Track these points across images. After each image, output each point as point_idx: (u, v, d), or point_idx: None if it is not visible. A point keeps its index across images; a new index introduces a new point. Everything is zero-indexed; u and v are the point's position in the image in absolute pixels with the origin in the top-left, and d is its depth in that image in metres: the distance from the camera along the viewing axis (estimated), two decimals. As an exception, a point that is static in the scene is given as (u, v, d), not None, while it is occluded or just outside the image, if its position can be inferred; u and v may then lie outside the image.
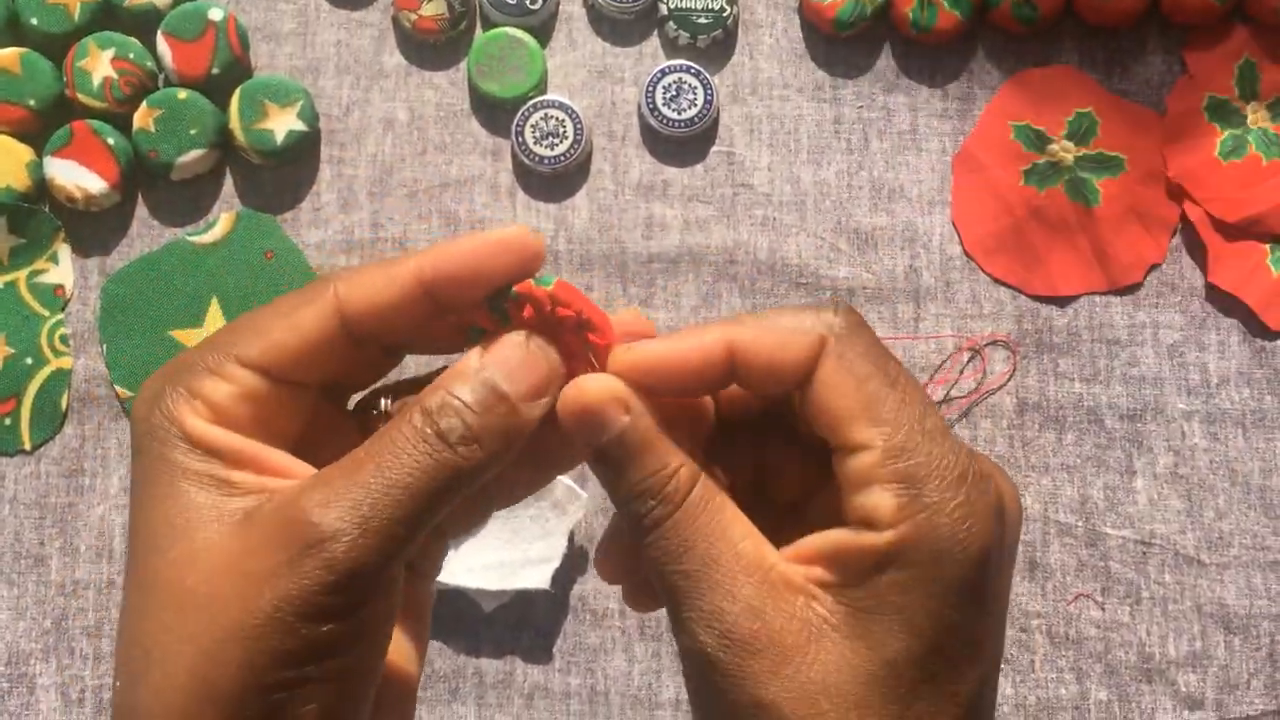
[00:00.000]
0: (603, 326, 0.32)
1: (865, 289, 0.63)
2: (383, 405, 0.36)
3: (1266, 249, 0.62)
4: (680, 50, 0.64)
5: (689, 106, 0.63)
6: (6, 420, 0.62)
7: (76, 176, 0.62)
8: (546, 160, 0.63)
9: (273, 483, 0.31)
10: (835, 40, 0.64)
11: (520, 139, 0.63)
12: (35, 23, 0.62)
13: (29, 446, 0.62)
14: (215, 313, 0.62)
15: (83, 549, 0.61)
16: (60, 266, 0.63)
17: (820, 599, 0.31)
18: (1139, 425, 0.62)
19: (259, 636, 0.29)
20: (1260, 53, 0.63)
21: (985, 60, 0.64)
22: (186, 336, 0.62)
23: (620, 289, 0.63)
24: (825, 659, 0.30)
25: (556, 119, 0.63)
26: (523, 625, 0.61)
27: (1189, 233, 0.63)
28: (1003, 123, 0.64)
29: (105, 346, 0.62)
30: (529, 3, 0.63)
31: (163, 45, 0.62)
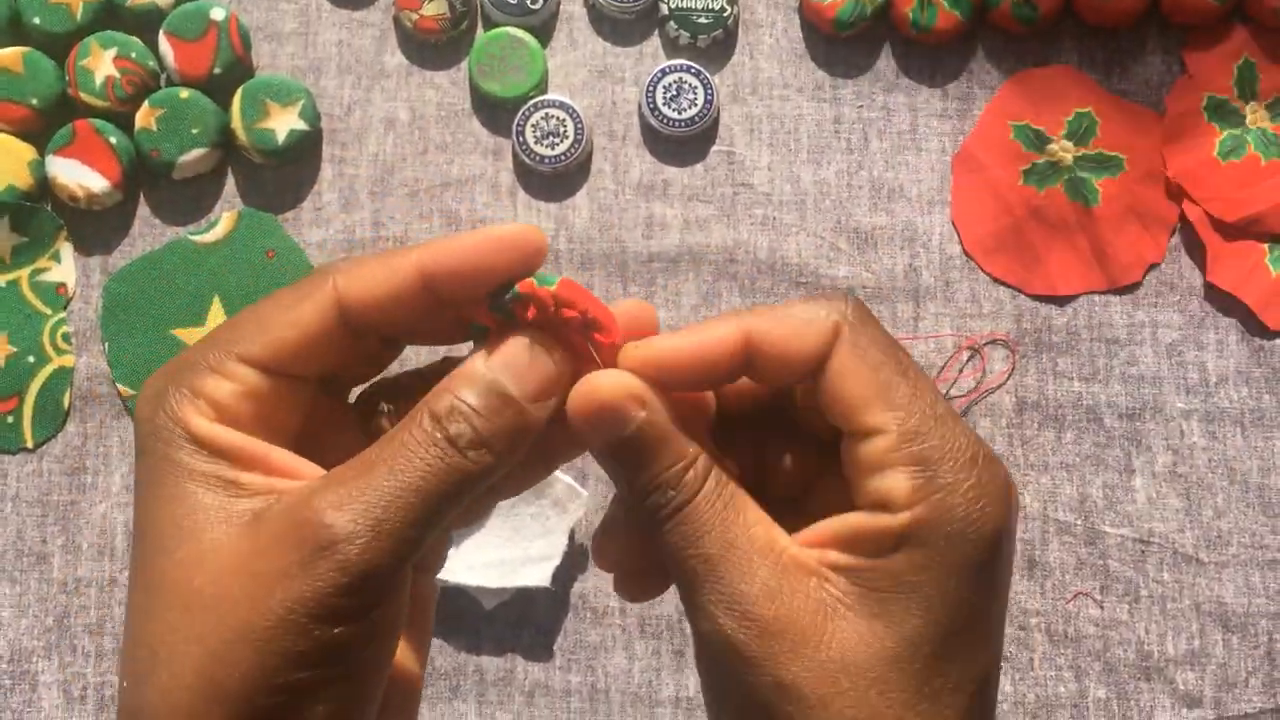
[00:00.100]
0: (608, 325, 0.32)
1: (865, 288, 0.63)
2: (383, 408, 0.36)
3: (1265, 248, 0.62)
4: (681, 50, 0.64)
5: (689, 106, 0.63)
6: (9, 418, 0.62)
7: (79, 175, 0.62)
8: (547, 160, 0.63)
9: (280, 483, 0.31)
10: (835, 40, 0.64)
11: (521, 138, 0.63)
12: (38, 22, 0.62)
13: (31, 444, 0.62)
14: (217, 311, 0.62)
15: (85, 547, 0.62)
16: (62, 265, 0.63)
17: (833, 580, 0.31)
18: (1138, 424, 0.62)
19: (270, 638, 0.29)
20: (1259, 53, 0.63)
21: (985, 60, 0.64)
22: (188, 335, 0.62)
23: (621, 288, 0.63)
24: (843, 638, 0.30)
25: (557, 118, 0.63)
26: (523, 623, 0.61)
27: (1188, 232, 0.63)
28: (1002, 122, 0.64)
29: (107, 345, 0.63)
30: (530, 2, 0.63)
31: (165, 45, 0.63)
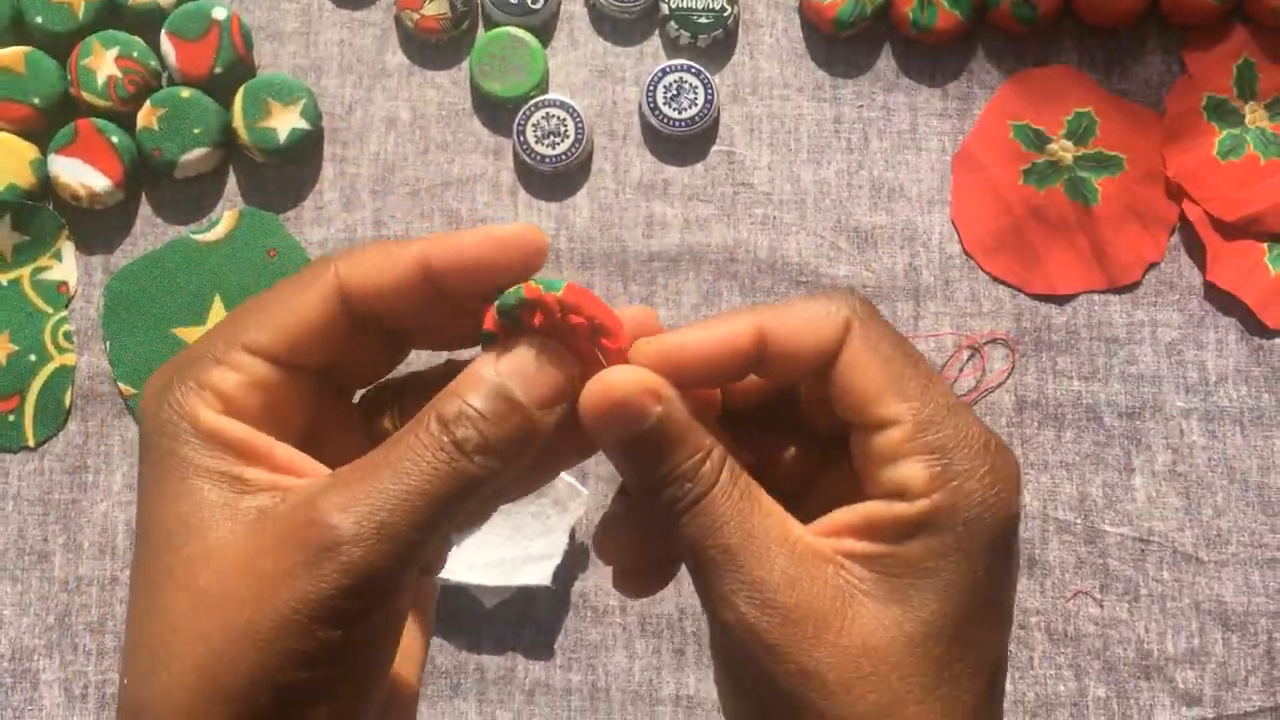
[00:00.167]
0: (615, 330, 0.32)
1: (865, 287, 0.63)
2: (388, 422, 0.36)
3: (1264, 248, 0.62)
4: (681, 50, 0.65)
5: (690, 106, 0.63)
6: (10, 417, 0.62)
7: (80, 174, 0.62)
8: (548, 159, 0.63)
9: (285, 480, 0.31)
10: (835, 40, 0.64)
11: (522, 138, 0.63)
12: (40, 21, 0.63)
13: (33, 443, 0.62)
14: (218, 310, 0.63)
15: (86, 545, 0.62)
16: (64, 264, 0.63)
17: (850, 568, 0.31)
18: (1137, 423, 0.62)
19: (272, 637, 0.29)
20: (1259, 53, 0.64)
21: (985, 60, 0.65)
22: (189, 334, 0.62)
23: (621, 287, 0.63)
24: (863, 624, 0.30)
25: (558, 118, 0.63)
26: (524, 621, 0.61)
27: (1187, 232, 0.63)
28: (1002, 122, 0.64)
29: (109, 344, 0.63)
30: (530, 2, 0.64)
31: (166, 44, 0.63)
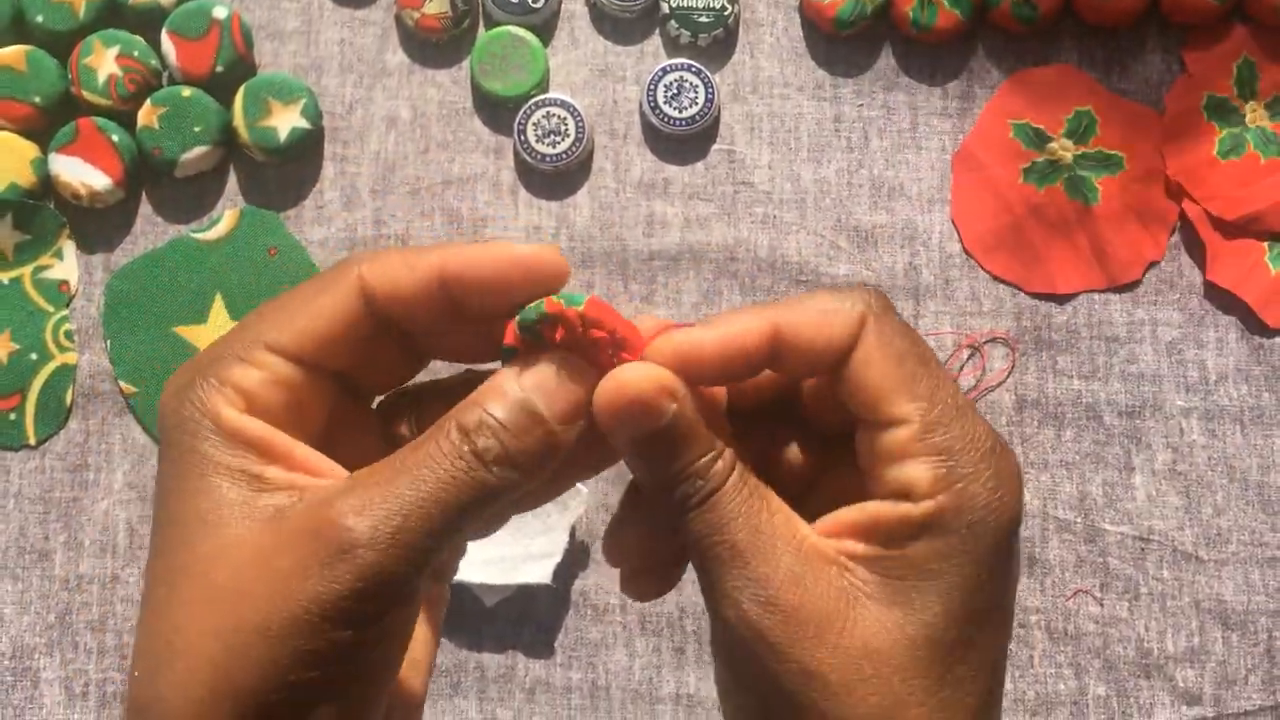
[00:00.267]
0: (635, 344, 0.32)
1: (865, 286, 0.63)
2: (405, 428, 0.36)
3: (1265, 247, 0.63)
4: (681, 49, 0.65)
5: (690, 105, 0.63)
6: (11, 415, 0.62)
7: (81, 173, 0.62)
8: (548, 158, 0.63)
9: (303, 480, 0.31)
10: (835, 39, 0.64)
11: (522, 137, 0.63)
12: (40, 20, 0.63)
13: (34, 441, 0.62)
14: (219, 309, 0.63)
15: (87, 544, 0.62)
16: (65, 262, 0.63)
17: (853, 569, 0.31)
18: (1137, 422, 0.62)
19: (284, 635, 0.29)
20: (1259, 52, 0.64)
21: (985, 59, 0.65)
22: (190, 333, 0.63)
23: (621, 286, 0.63)
24: (864, 625, 0.31)
25: (558, 117, 0.63)
26: (524, 620, 0.61)
27: (1187, 231, 0.63)
28: (1002, 121, 0.64)
29: (109, 342, 0.63)
30: (531, 1, 0.64)
31: (167, 43, 0.63)
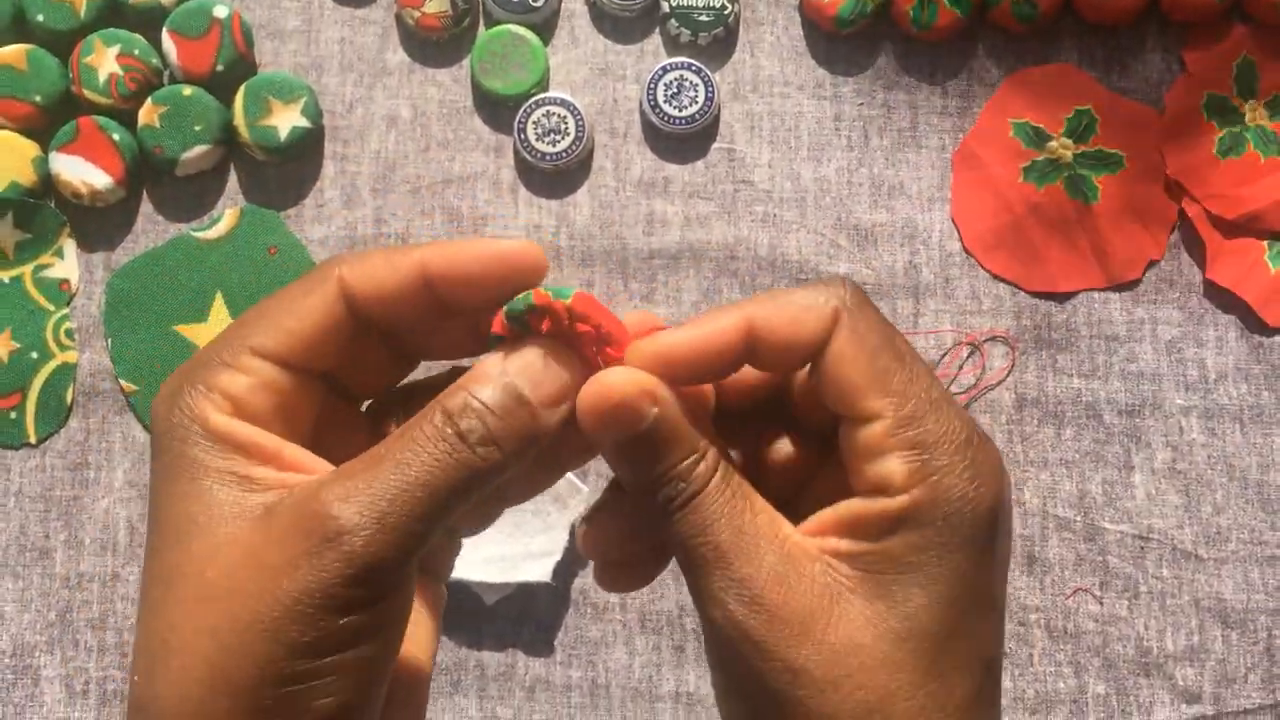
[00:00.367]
0: (621, 340, 0.33)
1: (865, 285, 0.63)
2: (394, 426, 0.36)
3: (1264, 245, 0.63)
4: (681, 48, 0.65)
5: (690, 104, 0.63)
6: (12, 414, 0.62)
7: (82, 172, 0.62)
8: (548, 157, 0.63)
9: (292, 478, 0.31)
10: (836, 38, 0.64)
11: (522, 136, 0.63)
12: (41, 19, 0.63)
13: (34, 440, 0.62)
14: (219, 308, 0.63)
15: (87, 542, 0.62)
16: (65, 261, 0.63)
17: (836, 566, 0.31)
18: (1137, 421, 0.62)
19: (277, 628, 0.29)
20: (1259, 51, 0.64)
21: (985, 58, 0.65)
22: (191, 331, 0.63)
23: (621, 285, 0.63)
24: (849, 621, 0.31)
25: (558, 116, 0.63)
26: (524, 618, 0.61)
27: (1187, 229, 0.63)
28: (1002, 120, 0.64)
29: (110, 341, 0.63)
30: (531, 0, 0.64)
31: (168, 42, 0.63)
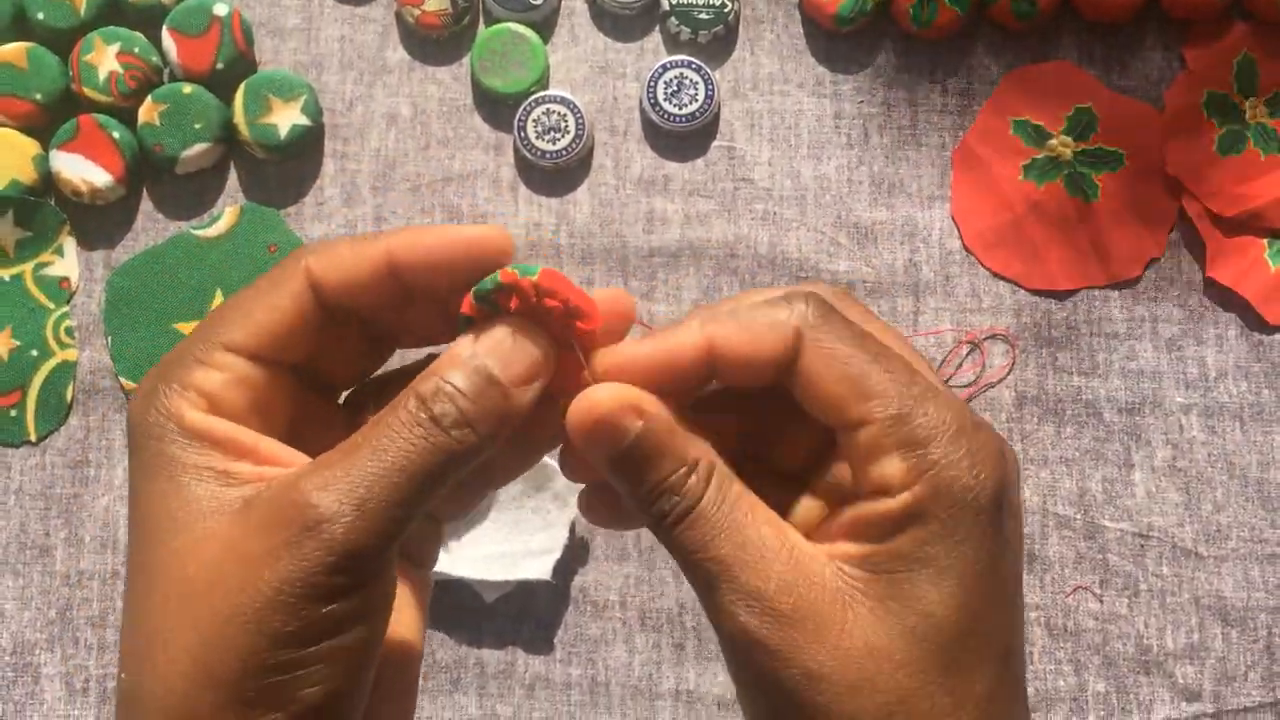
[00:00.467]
0: (590, 312, 0.33)
1: (865, 283, 0.63)
2: (371, 417, 0.36)
3: (1264, 244, 0.62)
4: (681, 46, 0.65)
5: (690, 102, 0.63)
6: (12, 412, 0.62)
7: (82, 170, 0.62)
8: (548, 155, 0.63)
9: (270, 471, 0.31)
10: (836, 36, 0.64)
11: (522, 134, 0.63)
12: (41, 17, 0.63)
13: (34, 438, 0.62)
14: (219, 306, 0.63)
15: (87, 540, 0.62)
16: (66, 259, 0.63)
17: (846, 570, 0.31)
18: (1137, 419, 0.62)
19: (260, 619, 0.29)
20: (1259, 49, 0.64)
21: (984, 56, 0.65)
22: (191, 329, 0.63)
23: (621, 283, 0.63)
24: (863, 624, 0.31)
25: (558, 114, 0.63)
26: (524, 616, 0.61)
27: (1187, 228, 0.63)
28: (1002, 118, 0.64)
29: (110, 339, 0.63)
30: (531, -2, 0.64)
31: (168, 40, 0.63)
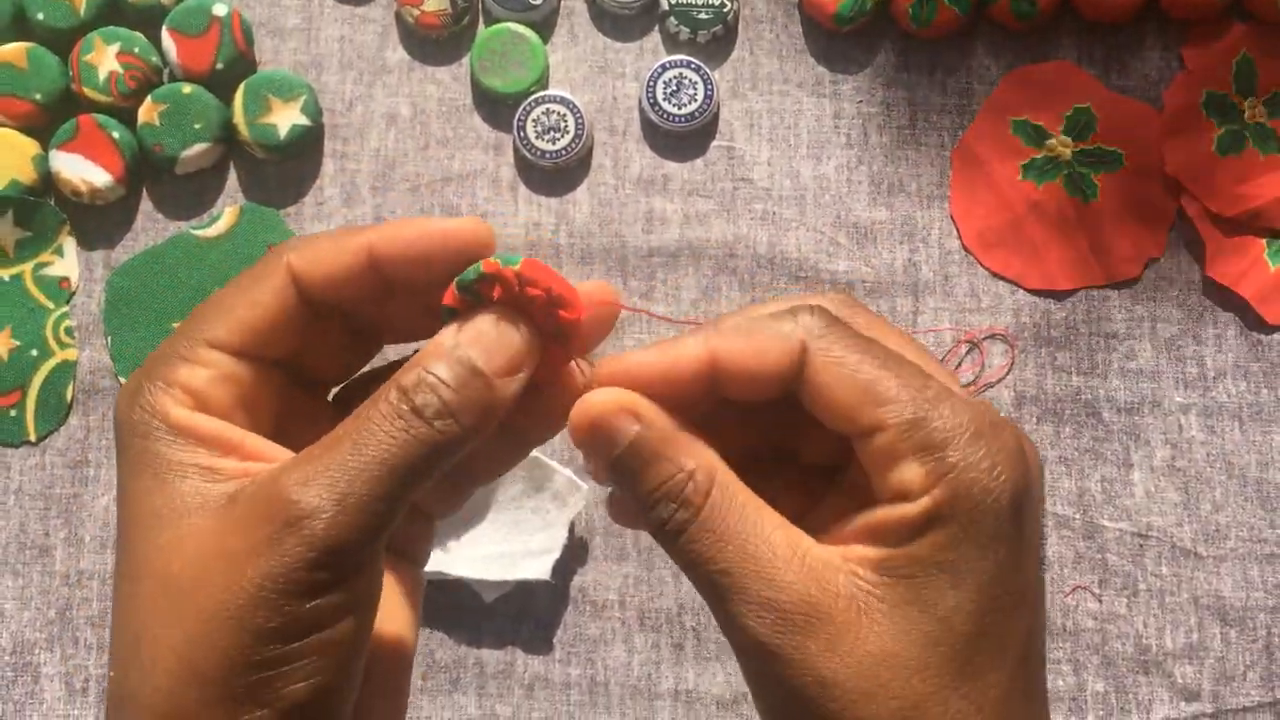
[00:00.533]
0: (572, 301, 0.32)
1: (864, 283, 0.63)
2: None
3: (1263, 243, 0.63)
4: (681, 45, 0.65)
5: (689, 101, 0.63)
6: (12, 412, 0.62)
7: (82, 170, 0.62)
8: (548, 155, 0.63)
9: (255, 467, 0.31)
10: (835, 35, 0.64)
11: (522, 133, 0.63)
12: (41, 17, 0.63)
13: (34, 438, 0.62)
14: (219, 306, 0.63)
15: (87, 539, 0.62)
16: (65, 259, 0.63)
17: (862, 575, 0.31)
18: (1136, 418, 0.62)
19: (243, 615, 0.29)
20: (1258, 49, 0.64)
21: (984, 56, 0.65)
22: (190, 329, 0.63)
23: (621, 282, 0.63)
24: (879, 630, 0.30)
25: (558, 114, 0.63)
26: (523, 616, 0.61)
27: (1186, 227, 0.63)
28: (1001, 118, 0.64)
29: (110, 339, 0.63)
30: (531, -2, 0.64)
31: (167, 40, 0.63)
